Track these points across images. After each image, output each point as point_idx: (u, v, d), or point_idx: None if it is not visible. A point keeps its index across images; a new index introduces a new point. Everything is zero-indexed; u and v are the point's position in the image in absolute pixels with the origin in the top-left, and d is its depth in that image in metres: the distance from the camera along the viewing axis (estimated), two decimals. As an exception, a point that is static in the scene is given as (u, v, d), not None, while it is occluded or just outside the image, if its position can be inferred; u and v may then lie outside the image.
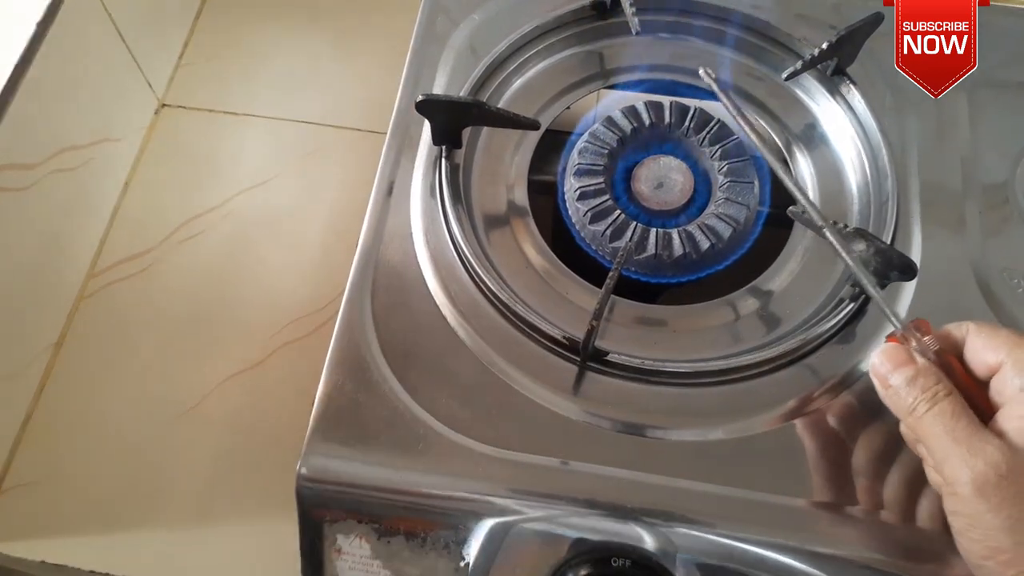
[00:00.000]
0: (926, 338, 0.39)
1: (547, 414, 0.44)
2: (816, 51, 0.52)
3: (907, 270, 0.43)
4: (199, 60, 0.71)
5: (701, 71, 0.47)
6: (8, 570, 0.53)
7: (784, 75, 0.54)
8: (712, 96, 0.55)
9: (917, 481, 0.41)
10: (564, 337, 0.45)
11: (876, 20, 0.51)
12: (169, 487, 0.55)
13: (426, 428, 0.43)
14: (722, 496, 0.41)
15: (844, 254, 0.42)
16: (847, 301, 0.46)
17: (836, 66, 0.54)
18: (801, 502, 0.41)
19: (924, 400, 0.37)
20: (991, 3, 0.50)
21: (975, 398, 0.38)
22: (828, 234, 0.43)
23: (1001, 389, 0.37)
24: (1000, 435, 0.35)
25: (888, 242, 0.47)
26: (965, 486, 0.34)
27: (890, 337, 0.41)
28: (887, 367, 0.39)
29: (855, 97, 0.53)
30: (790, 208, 0.46)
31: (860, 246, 0.44)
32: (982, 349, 0.38)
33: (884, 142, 0.51)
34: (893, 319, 0.40)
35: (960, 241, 0.50)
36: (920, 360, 0.38)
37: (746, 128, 0.46)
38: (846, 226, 0.44)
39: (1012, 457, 0.34)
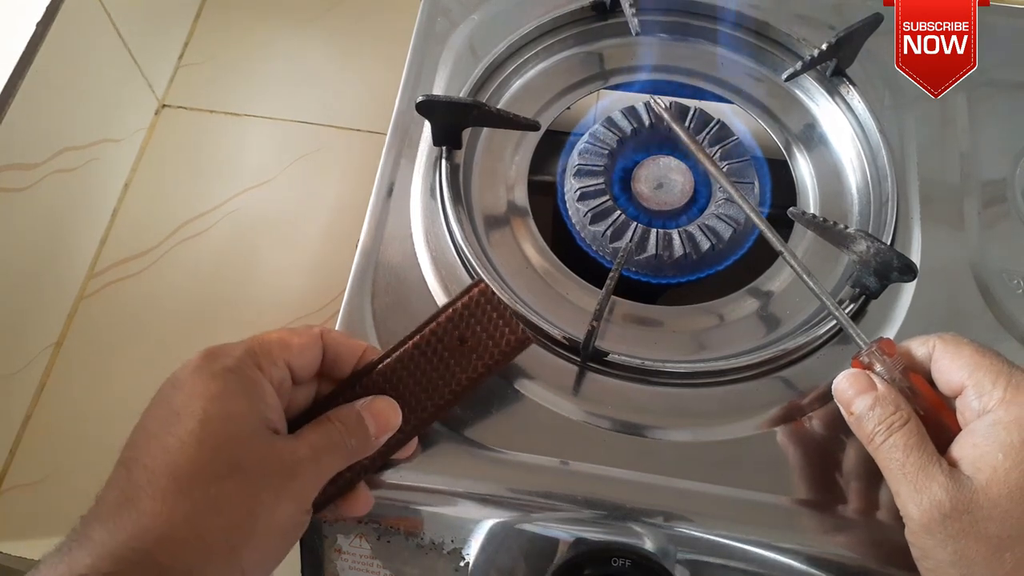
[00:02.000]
0: (889, 359, 0.39)
1: (547, 414, 0.44)
2: (816, 52, 0.52)
3: (907, 271, 0.43)
4: (199, 60, 0.71)
5: (651, 100, 0.47)
6: (8, 570, 0.53)
7: (784, 76, 0.54)
8: (714, 97, 0.56)
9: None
10: (564, 337, 0.45)
11: (875, 21, 0.51)
12: (169, 487, 0.55)
13: (427, 428, 0.43)
14: (722, 496, 0.41)
15: (807, 279, 0.43)
16: (847, 302, 0.46)
17: (835, 67, 0.54)
18: (801, 502, 0.41)
19: (881, 431, 0.37)
20: (991, 3, 0.50)
21: (943, 417, 0.38)
22: (788, 259, 0.44)
23: (963, 411, 0.38)
24: (955, 463, 0.36)
25: (888, 243, 0.47)
26: (912, 521, 0.35)
27: (855, 360, 0.40)
28: (849, 394, 0.39)
29: (854, 98, 0.53)
30: (790, 209, 0.46)
31: (860, 246, 0.44)
32: (947, 369, 0.38)
33: (883, 143, 0.51)
34: (858, 339, 0.40)
35: (960, 242, 0.50)
36: (880, 386, 0.38)
37: (704, 160, 0.46)
38: (846, 227, 0.44)
39: (957, 494, 0.34)
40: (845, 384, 0.39)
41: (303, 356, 0.39)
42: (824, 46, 0.52)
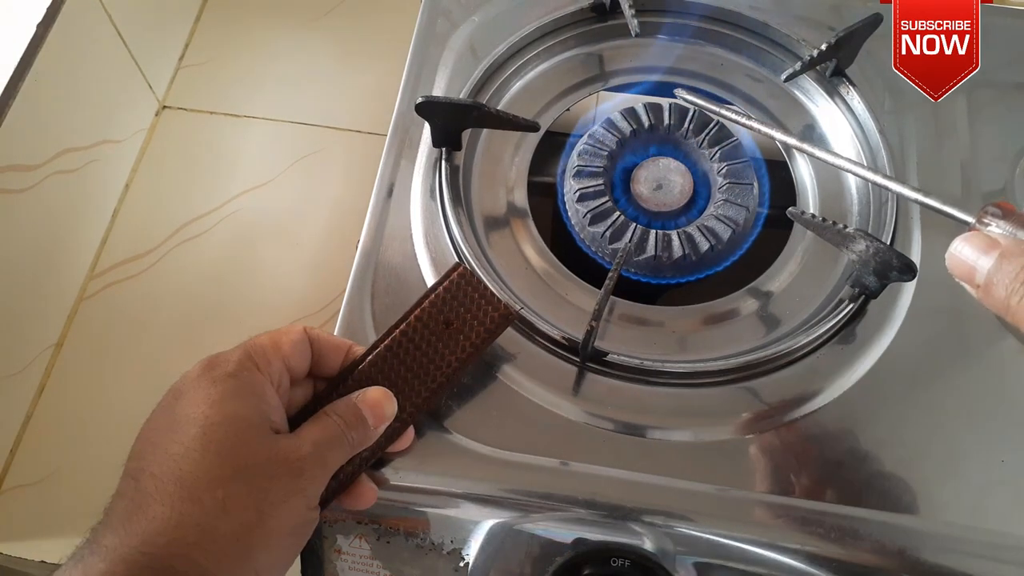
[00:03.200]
0: (1012, 217, 0.33)
1: (547, 415, 0.44)
2: (815, 52, 0.52)
3: (906, 270, 0.43)
4: (199, 62, 0.72)
5: (676, 93, 0.48)
6: (8, 570, 0.53)
7: (783, 76, 0.54)
8: (713, 98, 0.56)
9: (917, 479, 0.41)
10: (564, 338, 0.45)
11: (875, 21, 0.51)
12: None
13: (426, 428, 0.43)
14: (722, 496, 0.41)
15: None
16: (847, 302, 0.46)
17: (835, 67, 0.54)
18: (801, 502, 0.41)
19: (1016, 289, 0.31)
20: (992, 2, 0.50)
21: None
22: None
23: None
24: None
25: (888, 242, 0.47)
26: None
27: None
28: (968, 257, 0.33)
29: (854, 98, 0.53)
30: (790, 209, 0.46)
31: (860, 246, 0.44)
32: None
33: (883, 143, 0.51)
34: (960, 215, 0.34)
35: (959, 242, 0.50)
36: (1004, 241, 0.32)
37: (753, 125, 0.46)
38: (845, 226, 0.44)
39: None
40: (961, 246, 0.33)
41: (295, 354, 0.39)
42: (823, 46, 0.52)
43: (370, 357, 0.41)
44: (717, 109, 0.46)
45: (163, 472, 0.34)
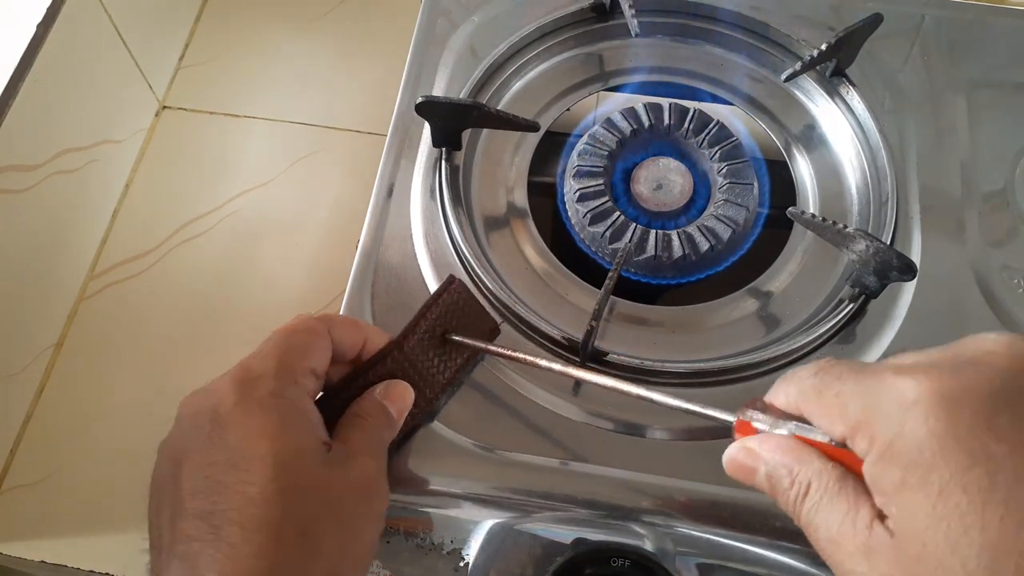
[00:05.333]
0: (765, 415, 0.32)
1: (547, 414, 0.44)
2: (815, 52, 0.52)
3: (907, 270, 0.43)
4: (200, 62, 0.72)
5: None
6: (8, 570, 0.53)
7: (783, 76, 0.54)
8: (713, 98, 0.56)
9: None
10: (564, 338, 0.45)
11: (875, 21, 0.51)
12: (169, 488, 0.55)
13: (426, 428, 0.43)
14: (722, 496, 0.41)
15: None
16: (847, 302, 0.46)
17: (835, 67, 0.54)
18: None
19: (793, 510, 0.30)
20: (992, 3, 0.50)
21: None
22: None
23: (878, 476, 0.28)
24: (880, 514, 0.28)
25: (888, 242, 0.47)
26: None
27: (737, 422, 0.33)
28: (745, 473, 0.31)
29: (854, 98, 0.53)
30: (789, 209, 0.46)
31: (860, 246, 0.44)
32: (827, 415, 0.30)
33: (883, 143, 0.51)
34: (718, 415, 0.34)
35: (960, 241, 0.50)
36: (765, 452, 0.31)
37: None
38: (845, 226, 0.44)
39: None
40: (734, 467, 0.32)
41: (324, 359, 0.38)
42: (824, 46, 0.52)
43: (375, 368, 0.41)
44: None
45: (245, 519, 0.32)
